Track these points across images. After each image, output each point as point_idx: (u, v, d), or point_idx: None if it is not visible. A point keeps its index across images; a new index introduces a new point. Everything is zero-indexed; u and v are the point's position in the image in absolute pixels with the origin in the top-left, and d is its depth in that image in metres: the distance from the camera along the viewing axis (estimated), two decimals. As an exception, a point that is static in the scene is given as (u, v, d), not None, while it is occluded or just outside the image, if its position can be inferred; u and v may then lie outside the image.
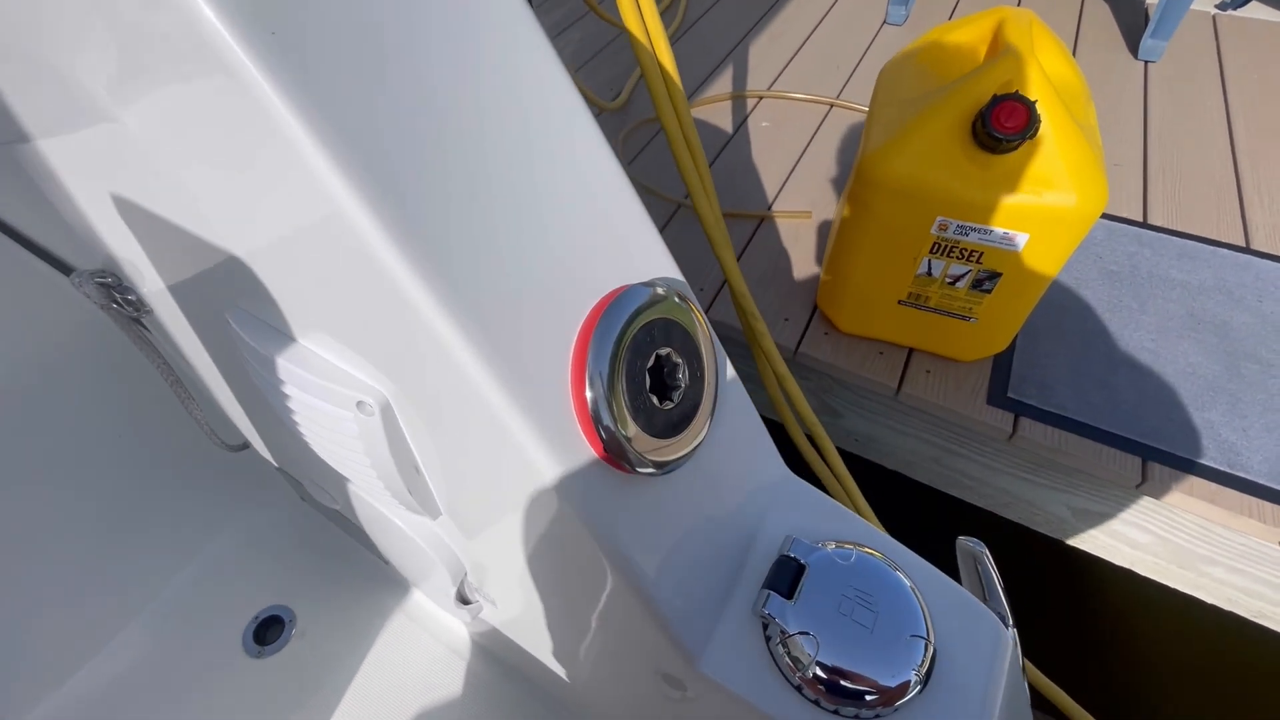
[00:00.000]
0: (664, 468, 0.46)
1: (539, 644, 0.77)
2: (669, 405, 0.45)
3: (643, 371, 0.44)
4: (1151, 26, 2.22)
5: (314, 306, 0.45)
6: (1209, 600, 1.38)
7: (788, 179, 1.90)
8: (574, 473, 0.42)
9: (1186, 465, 1.23)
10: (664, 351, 0.45)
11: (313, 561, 1.07)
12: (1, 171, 0.92)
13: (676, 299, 0.46)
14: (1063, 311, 1.49)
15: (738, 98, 2.21)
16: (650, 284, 0.46)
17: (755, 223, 1.76)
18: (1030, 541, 1.44)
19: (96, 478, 1.06)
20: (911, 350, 1.42)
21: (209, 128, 0.36)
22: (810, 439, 1.35)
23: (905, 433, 1.47)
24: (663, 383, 0.45)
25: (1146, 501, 1.28)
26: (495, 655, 0.97)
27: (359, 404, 0.46)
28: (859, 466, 1.42)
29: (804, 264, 1.64)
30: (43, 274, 1.04)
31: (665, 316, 0.45)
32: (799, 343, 1.46)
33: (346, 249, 0.36)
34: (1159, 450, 1.24)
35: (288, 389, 0.49)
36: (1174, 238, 1.66)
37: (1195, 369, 1.37)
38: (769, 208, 1.81)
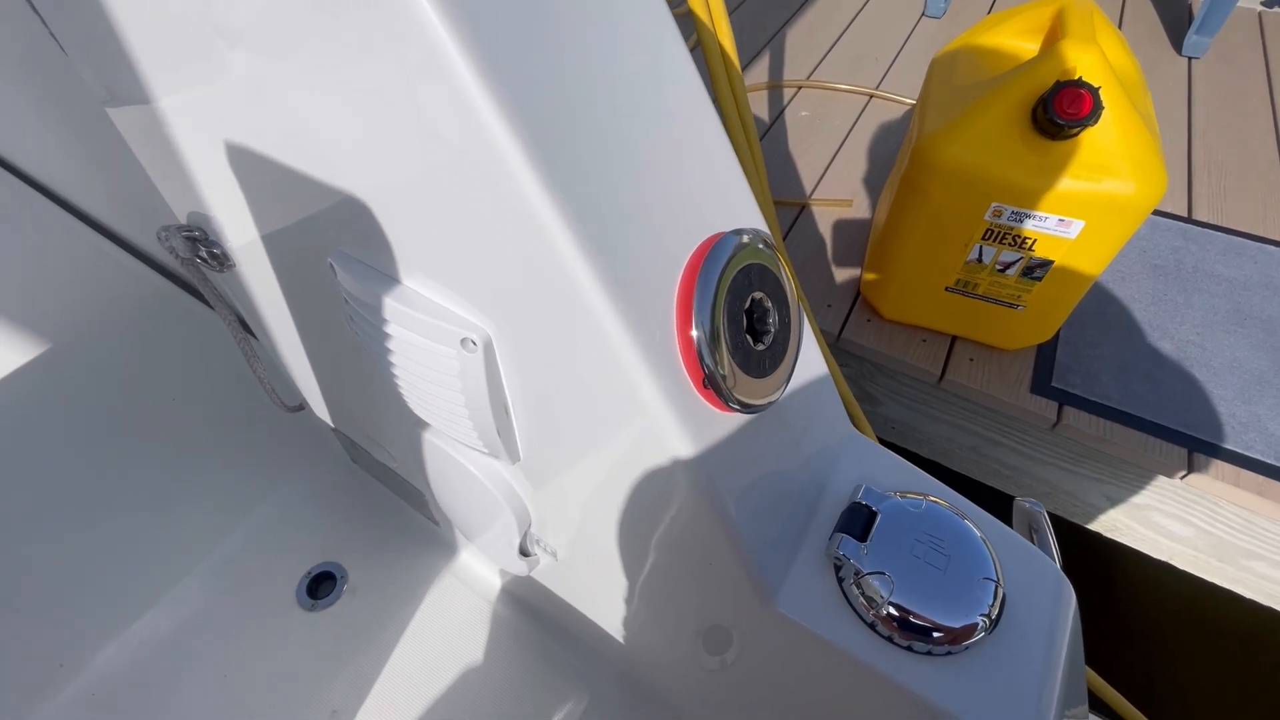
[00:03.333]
0: (752, 409, 0.47)
1: (590, 598, 0.78)
2: (761, 347, 0.47)
3: (740, 313, 0.45)
4: (1196, 23, 2.21)
5: (425, 246, 0.46)
6: (1248, 595, 1.38)
7: (827, 168, 1.91)
8: (676, 406, 0.43)
9: (1233, 457, 1.23)
10: (758, 295, 0.47)
11: (363, 521, 1.11)
12: (71, 138, 0.96)
13: (762, 245, 0.48)
14: (1107, 303, 1.49)
15: (776, 87, 2.22)
16: (740, 231, 0.47)
17: (796, 211, 1.78)
18: (1067, 533, 1.45)
19: (151, 439, 1.12)
20: (955, 338, 1.44)
21: (359, 61, 0.37)
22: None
23: (945, 421, 1.49)
24: (754, 325, 0.47)
25: (1189, 493, 1.29)
26: (540, 612, 0.99)
27: (463, 340, 0.48)
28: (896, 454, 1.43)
29: (845, 252, 1.66)
30: (96, 245, 1.09)
31: (759, 262, 0.47)
32: (841, 329, 1.48)
33: (488, 184, 0.37)
34: (1205, 442, 1.25)
35: (388, 328, 0.51)
36: (1219, 233, 1.65)
37: (1241, 363, 1.37)
38: (810, 195, 1.83)
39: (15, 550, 1.00)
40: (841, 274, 1.60)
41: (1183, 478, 1.25)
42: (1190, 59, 2.25)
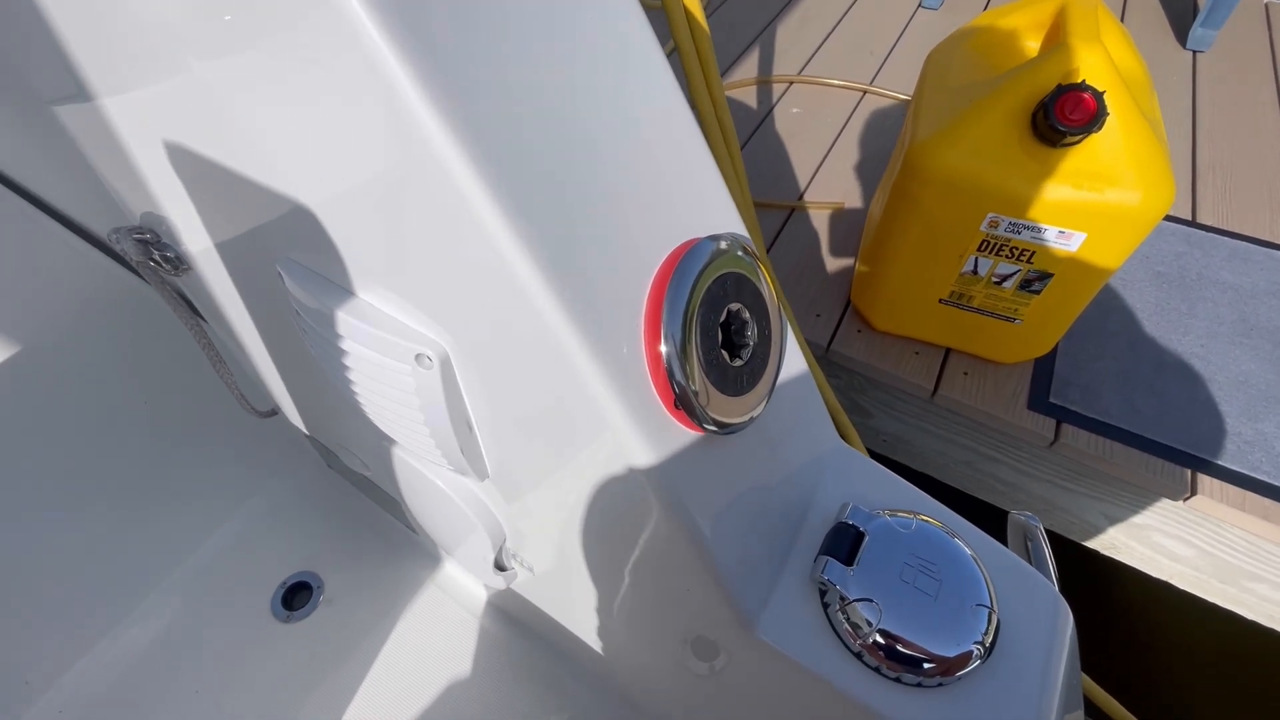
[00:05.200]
0: (728, 429, 0.45)
1: (572, 611, 0.77)
2: (739, 363, 0.45)
3: (715, 326, 0.43)
4: (1202, 15, 2.15)
5: (376, 257, 0.45)
6: (1249, 616, 1.34)
7: (819, 168, 1.85)
8: (644, 426, 0.41)
9: (1238, 478, 1.19)
10: (735, 307, 0.44)
11: (339, 529, 1.10)
12: (30, 133, 0.92)
13: (742, 253, 0.45)
14: (1108, 313, 1.44)
15: (766, 82, 2.15)
16: (716, 238, 0.45)
17: (785, 213, 1.72)
18: (1063, 549, 1.40)
19: (123, 444, 1.09)
20: (949, 350, 1.38)
21: (299, 69, 0.36)
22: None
23: (938, 435, 1.43)
24: (731, 339, 0.45)
25: (1190, 514, 1.24)
26: (522, 623, 0.98)
27: (418, 356, 0.46)
28: (886, 467, 1.38)
29: (837, 257, 1.60)
30: (68, 242, 1.06)
31: (737, 270, 0.44)
32: (831, 340, 1.42)
33: (432, 194, 0.36)
34: (1209, 462, 1.20)
35: (341, 342, 0.49)
36: (1224, 238, 1.60)
37: (1248, 377, 1.32)
38: (800, 197, 1.76)
39: None
40: (831, 282, 1.54)
41: (1185, 500, 1.20)
42: (1195, 53, 2.19)
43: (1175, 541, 1.31)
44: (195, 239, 0.61)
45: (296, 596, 1.02)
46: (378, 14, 0.31)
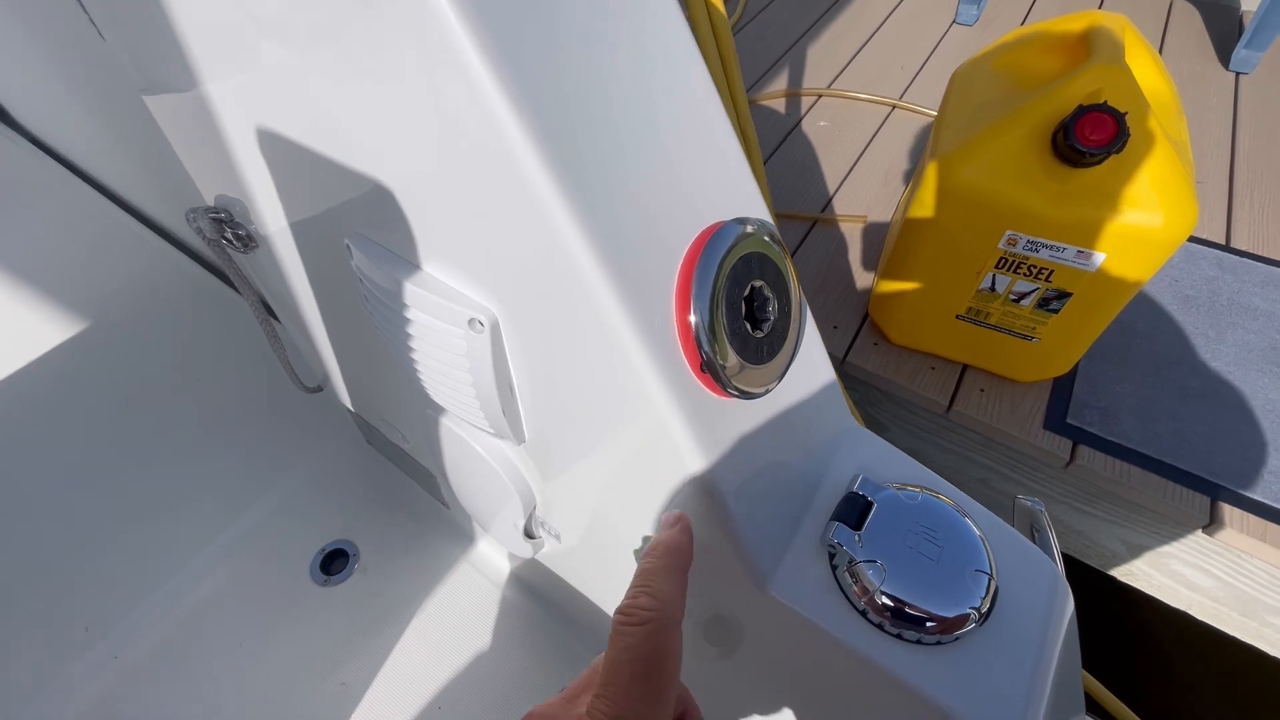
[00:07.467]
0: (749, 394, 0.49)
1: (597, 584, 0.81)
2: (760, 334, 0.49)
3: (739, 299, 0.47)
4: (1247, 36, 2.11)
5: (437, 231, 0.49)
6: (1272, 652, 1.30)
7: (844, 181, 1.85)
8: (674, 388, 0.46)
9: (1262, 510, 1.17)
10: (758, 283, 0.49)
11: (375, 502, 1.18)
12: (110, 124, 1.01)
13: (768, 238, 0.50)
14: (1132, 336, 1.42)
15: (795, 95, 2.16)
16: (743, 221, 0.49)
17: (808, 225, 1.73)
18: (1078, 572, 1.38)
19: (178, 415, 1.20)
20: (965, 367, 1.38)
21: (379, 54, 0.40)
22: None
23: (953, 451, 1.43)
24: (754, 313, 0.50)
25: (1210, 544, 1.23)
26: (547, 598, 1.03)
27: (470, 321, 0.51)
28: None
29: (857, 270, 1.60)
30: (132, 229, 1.15)
31: (761, 251, 0.49)
32: (847, 351, 1.43)
33: (497, 174, 0.40)
34: (1231, 491, 1.18)
35: (400, 308, 0.54)
36: (1259, 263, 1.57)
37: (1275, 407, 1.30)
38: (824, 210, 1.76)
39: (45, 520, 1.08)
40: (850, 295, 1.55)
41: (1205, 528, 1.17)
42: (1238, 74, 2.14)
43: (1194, 570, 1.29)
44: (269, 217, 0.67)
45: (334, 563, 1.10)
46: (457, 1, 0.34)
